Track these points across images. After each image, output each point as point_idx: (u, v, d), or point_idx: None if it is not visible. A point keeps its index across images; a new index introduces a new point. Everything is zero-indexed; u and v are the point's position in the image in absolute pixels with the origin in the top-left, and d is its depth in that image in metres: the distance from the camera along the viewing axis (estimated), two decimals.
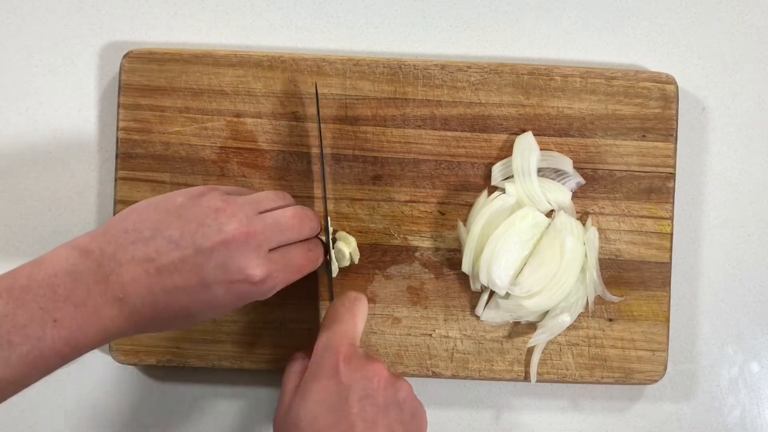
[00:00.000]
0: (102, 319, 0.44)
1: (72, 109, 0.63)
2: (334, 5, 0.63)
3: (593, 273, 0.59)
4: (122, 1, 0.63)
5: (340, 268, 0.60)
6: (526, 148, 0.59)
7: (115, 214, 0.59)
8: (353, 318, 0.52)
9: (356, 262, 0.59)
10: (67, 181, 0.62)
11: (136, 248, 0.45)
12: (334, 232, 0.60)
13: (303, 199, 0.60)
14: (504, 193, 0.59)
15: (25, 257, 0.61)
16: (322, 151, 0.59)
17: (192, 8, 0.63)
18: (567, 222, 0.58)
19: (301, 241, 0.51)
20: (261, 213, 0.49)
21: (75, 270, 0.44)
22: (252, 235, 0.47)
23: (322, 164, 0.59)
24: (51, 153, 0.62)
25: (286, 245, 0.50)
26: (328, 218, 0.58)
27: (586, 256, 0.59)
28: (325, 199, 0.59)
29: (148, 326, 0.46)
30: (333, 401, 0.46)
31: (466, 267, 0.58)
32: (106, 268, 0.44)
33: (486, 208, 0.58)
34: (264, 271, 0.47)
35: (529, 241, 0.58)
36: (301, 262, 0.51)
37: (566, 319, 0.58)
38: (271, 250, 0.48)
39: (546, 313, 0.59)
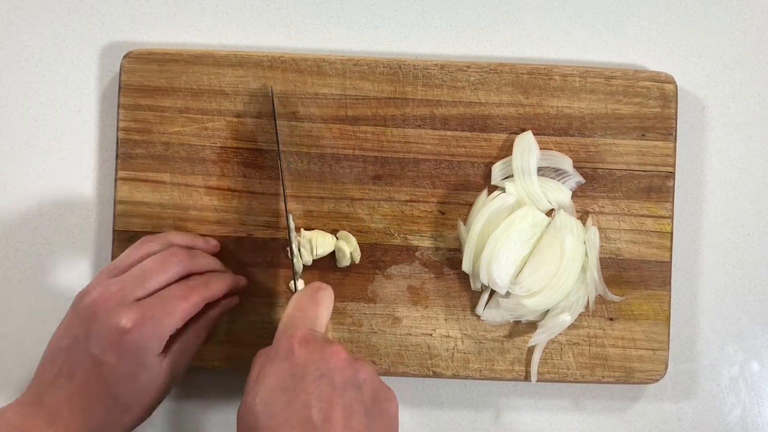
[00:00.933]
0: None
1: (72, 109, 0.63)
2: (335, 5, 0.64)
3: (594, 272, 0.59)
4: (122, 1, 0.63)
5: (340, 268, 0.60)
6: (526, 147, 0.59)
7: (115, 214, 0.59)
8: (315, 306, 0.51)
9: (357, 261, 0.59)
10: (67, 181, 0.62)
11: (45, 373, 0.49)
12: (303, 229, 0.60)
13: (302, 198, 0.60)
14: (504, 192, 0.59)
15: (25, 257, 0.61)
16: (279, 148, 0.59)
17: (192, 8, 0.63)
18: (567, 221, 0.58)
19: (185, 277, 0.53)
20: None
21: None
22: (108, 296, 0.49)
23: (280, 161, 0.59)
24: (51, 153, 0.62)
25: (159, 290, 0.51)
26: (290, 216, 0.58)
27: (586, 255, 0.59)
28: (284, 195, 0.58)
29: (103, 429, 0.49)
30: (287, 383, 0.45)
31: (466, 266, 0.58)
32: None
33: (486, 207, 0.58)
34: (133, 316, 0.49)
35: (530, 240, 0.58)
36: (178, 294, 0.51)
37: (567, 319, 0.58)
38: (140, 299, 0.50)
39: (546, 312, 0.59)
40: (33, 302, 0.62)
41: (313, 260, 0.59)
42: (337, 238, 0.59)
